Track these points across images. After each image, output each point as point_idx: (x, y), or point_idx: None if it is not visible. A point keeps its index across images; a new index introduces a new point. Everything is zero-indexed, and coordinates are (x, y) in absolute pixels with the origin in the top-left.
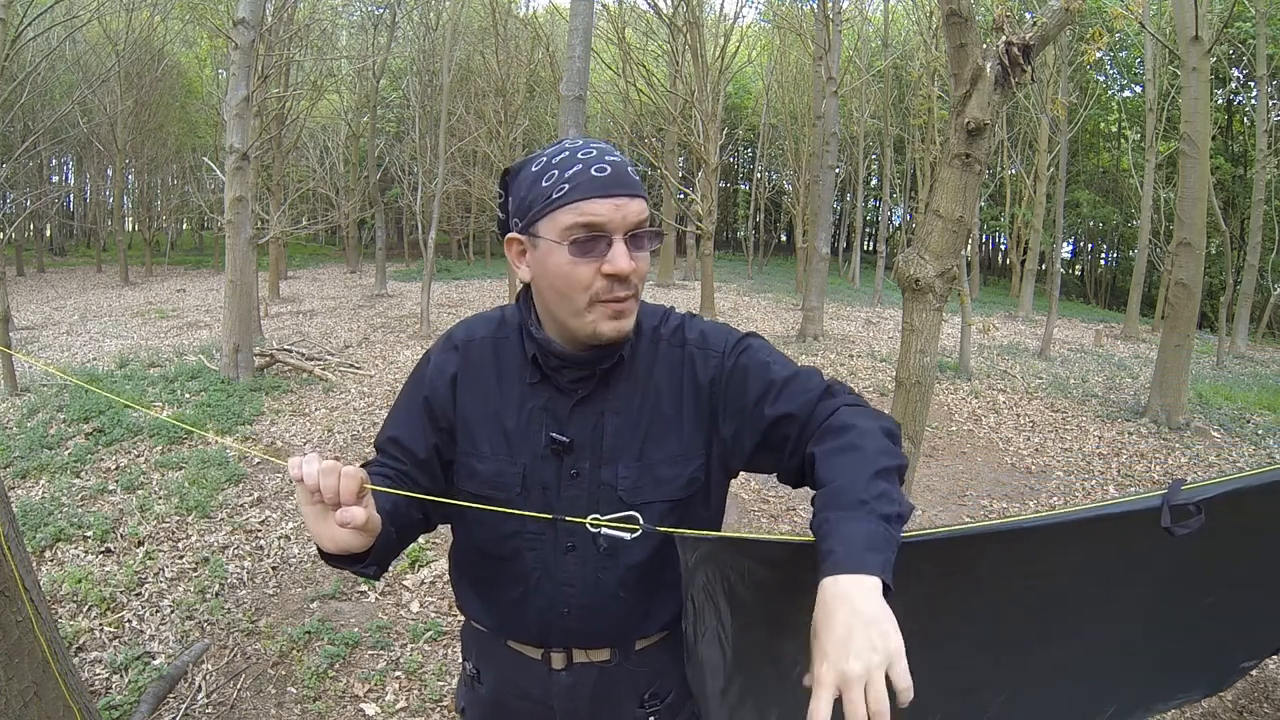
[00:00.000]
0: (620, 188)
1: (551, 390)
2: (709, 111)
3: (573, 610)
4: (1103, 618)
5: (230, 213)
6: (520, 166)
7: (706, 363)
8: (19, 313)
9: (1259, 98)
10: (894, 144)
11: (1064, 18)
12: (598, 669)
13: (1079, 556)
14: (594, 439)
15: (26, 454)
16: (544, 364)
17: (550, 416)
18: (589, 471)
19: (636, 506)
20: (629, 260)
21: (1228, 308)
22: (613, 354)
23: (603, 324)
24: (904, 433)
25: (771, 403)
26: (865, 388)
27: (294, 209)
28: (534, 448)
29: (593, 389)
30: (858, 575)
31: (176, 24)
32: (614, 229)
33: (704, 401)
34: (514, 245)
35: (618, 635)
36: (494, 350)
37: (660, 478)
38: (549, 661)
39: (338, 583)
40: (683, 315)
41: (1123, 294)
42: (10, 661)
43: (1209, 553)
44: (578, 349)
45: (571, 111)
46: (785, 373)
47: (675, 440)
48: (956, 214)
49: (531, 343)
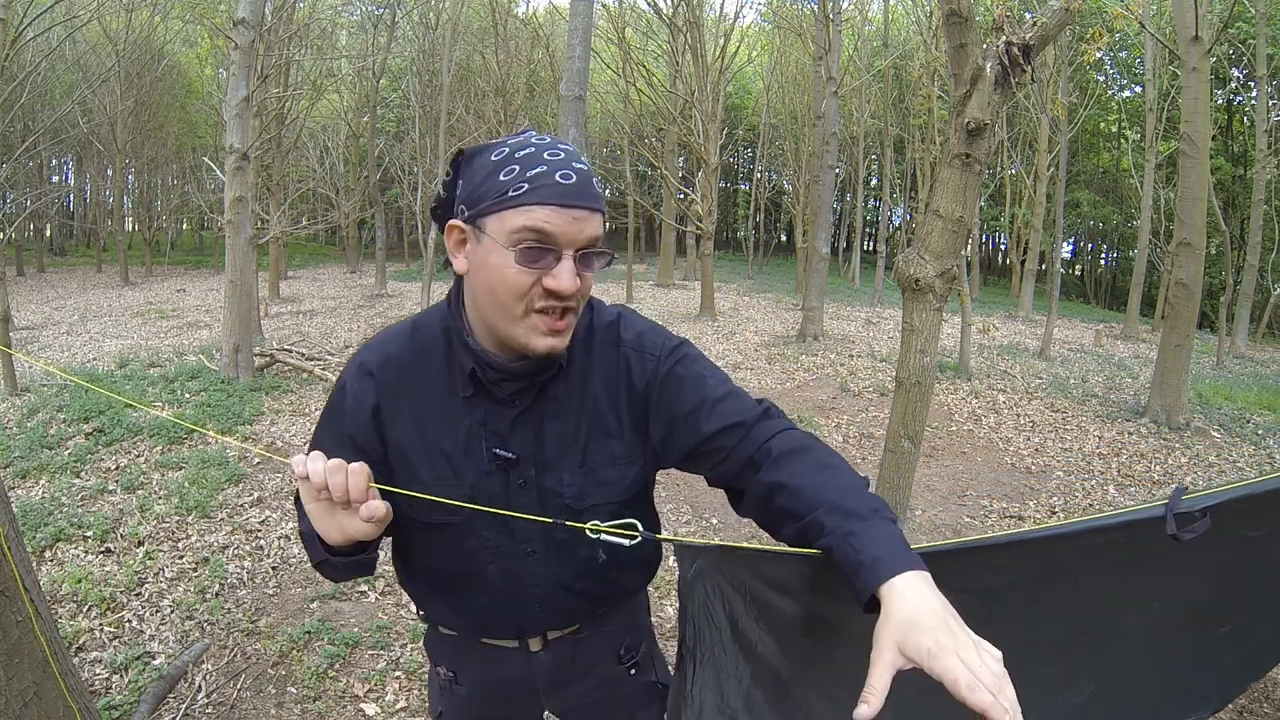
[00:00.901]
0: (582, 200)
1: (488, 403)
2: (709, 111)
3: (543, 605)
4: (1110, 636)
5: (230, 213)
6: (478, 151)
7: (643, 366)
8: (19, 313)
9: (1259, 98)
10: (894, 144)
11: (1064, 18)
12: (571, 639)
13: (1083, 572)
14: (535, 448)
15: (26, 454)
16: (482, 376)
17: (489, 431)
18: (535, 480)
19: (584, 511)
20: (574, 279)
21: (1228, 308)
22: (552, 365)
23: (535, 338)
24: (904, 433)
25: (707, 417)
26: (865, 388)
27: (294, 209)
28: (477, 465)
29: (532, 399)
30: (915, 571)
31: (176, 24)
32: (564, 244)
33: (638, 404)
34: (454, 233)
35: (585, 612)
36: (414, 368)
37: (604, 480)
38: (526, 646)
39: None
40: (617, 310)
41: (1123, 294)
42: (10, 661)
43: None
44: (511, 358)
45: (571, 111)
46: (721, 390)
47: (616, 443)
48: (956, 214)
49: (469, 355)
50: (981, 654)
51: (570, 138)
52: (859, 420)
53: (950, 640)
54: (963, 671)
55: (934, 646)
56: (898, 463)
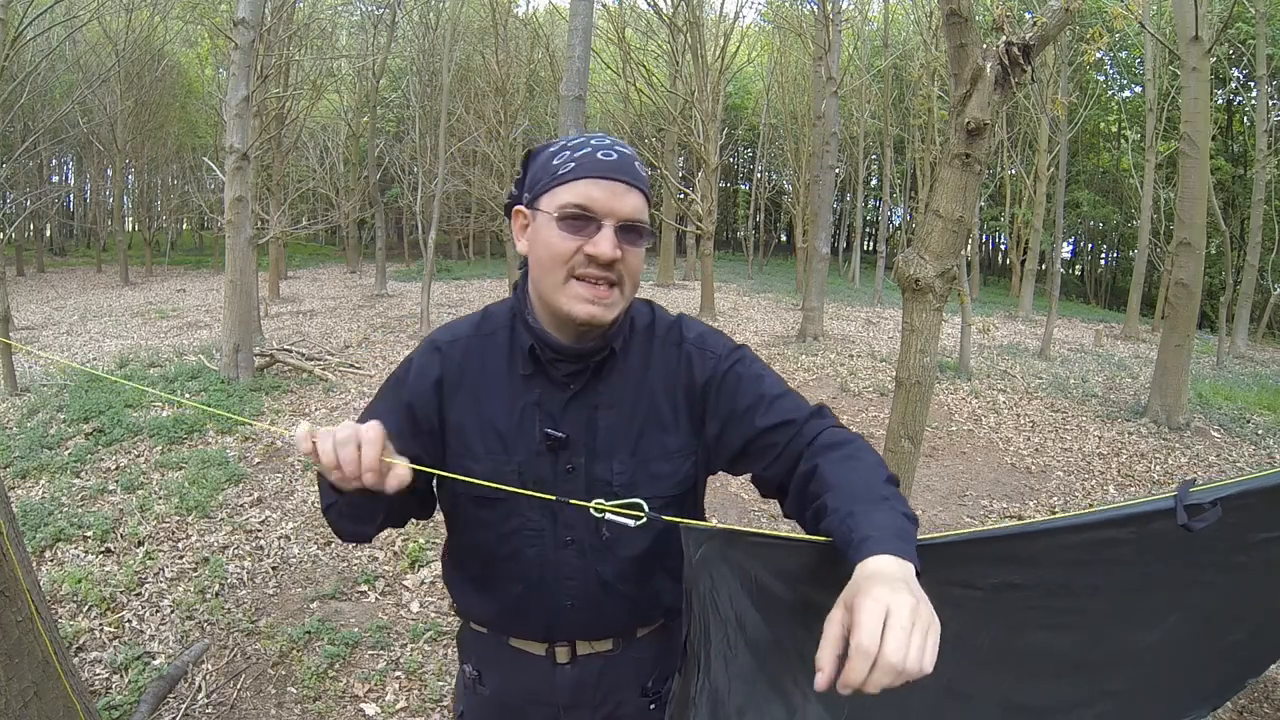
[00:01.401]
0: (620, 174)
1: (544, 384)
2: (709, 111)
3: (576, 603)
4: (1120, 632)
5: (230, 213)
6: (542, 149)
7: (704, 363)
8: (19, 313)
9: (1259, 98)
10: (894, 144)
11: (1064, 18)
12: (602, 659)
13: (1094, 563)
14: (587, 434)
15: (26, 454)
16: (540, 354)
17: (543, 412)
18: (583, 466)
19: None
20: (613, 247)
21: (1228, 308)
22: (605, 346)
23: (576, 305)
24: (904, 433)
25: (763, 414)
26: (865, 388)
27: (294, 209)
28: (528, 444)
29: (585, 383)
30: (897, 558)
31: (176, 24)
32: (604, 214)
33: (696, 401)
34: (518, 218)
35: (621, 625)
36: (480, 349)
37: (655, 473)
38: (553, 656)
39: (338, 583)
40: (677, 315)
41: (1123, 294)
42: (10, 661)
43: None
44: (567, 338)
45: (571, 111)
46: (777, 390)
47: (670, 437)
48: (956, 214)
49: (529, 333)
50: (912, 632)
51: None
52: (859, 420)
53: (890, 596)
54: (873, 622)
55: (871, 594)
56: (898, 463)
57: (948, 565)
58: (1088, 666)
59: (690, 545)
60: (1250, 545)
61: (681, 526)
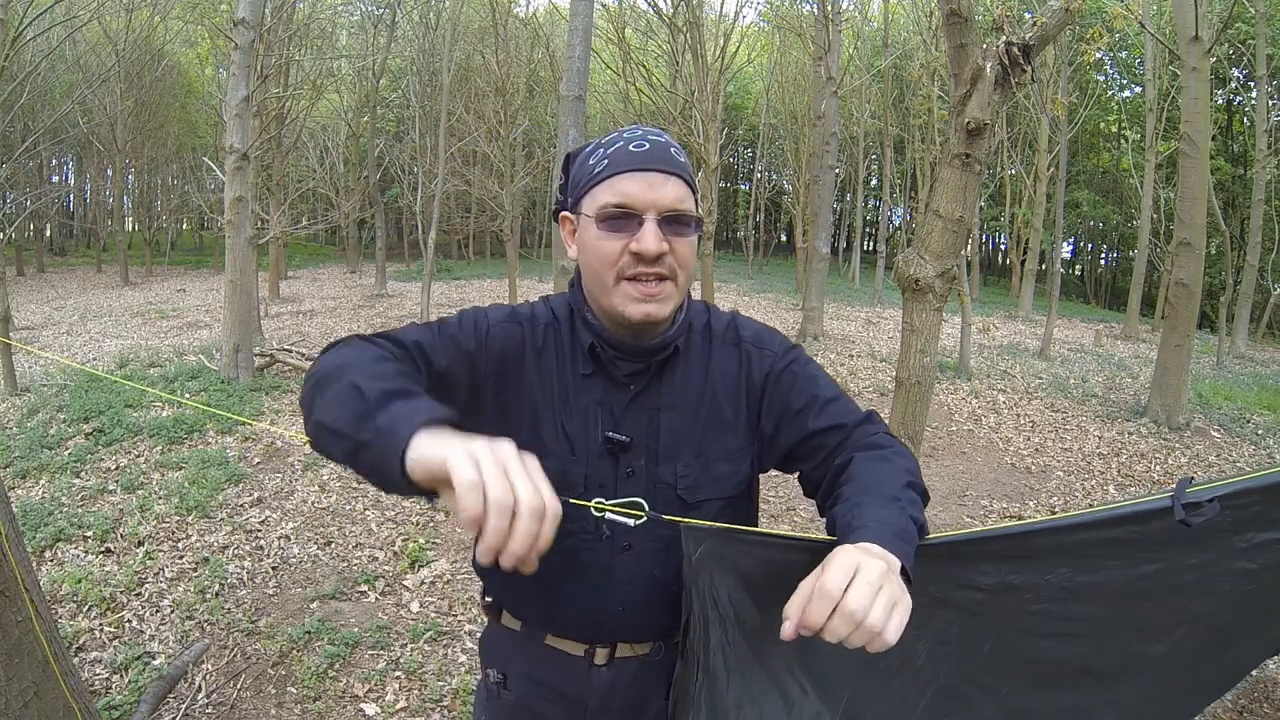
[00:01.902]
0: (655, 163)
1: (605, 384)
2: (709, 111)
3: (626, 606)
4: (1125, 643)
5: (230, 213)
6: (579, 151)
7: (763, 361)
8: (19, 313)
9: (1259, 98)
10: (894, 144)
11: (1064, 18)
12: (639, 662)
13: (1096, 568)
14: (649, 436)
15: (26, 454)
16: (601, 354)
17: (605, 411)
18: (645, 470)
19: (694, 505)
20: (657, 241)
21: (1228, 308)
22: (668, 345)
23: (629, 305)
24: (904, 433)
25: (816, 415)
26: (865, 388)
27: (294, 209)
28: (593, 446)
29: (647, 383)
30: (886, 550)
31: (176, 24)
32: (644, 207)
33: (754, 399)
34: (566, 224)
35: (664, 628)
36: (548, 335)
37: (717, 475)
38: (592, 657)
39: (338, 583)
40: (731, 313)
41: (1123, 294)
42: (10, 661)
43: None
44: (624, 336)
45: (571, 111)
46: (831, 392)
47: (730, 437)
48: (956, 214)
49: (588, 330)
50: (879, 593)
51: (570, 138)
52: None
53: (863, 558)
54: (839, 573)
55: (845, 552)
56: None
57: (949, 566)
58: (1092, 675)
59: (690, 544)
60: (1254, 551)
61: (681, 525)
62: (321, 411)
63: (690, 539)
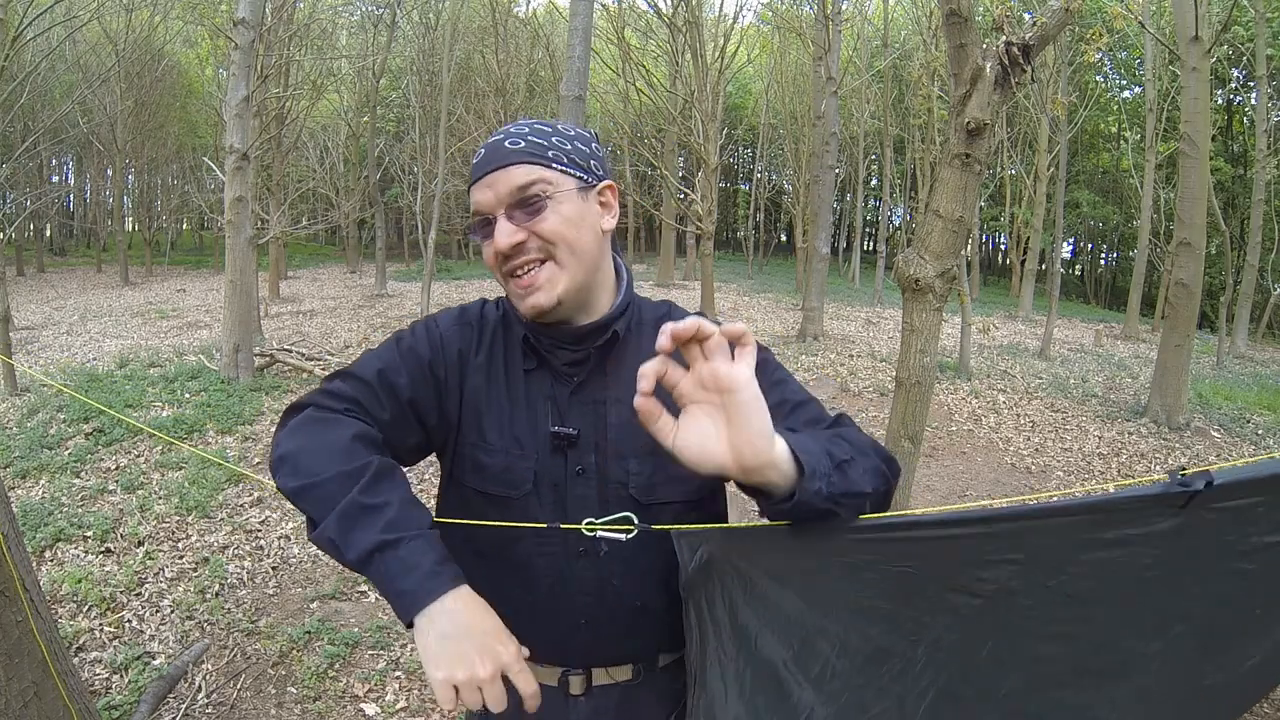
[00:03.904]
0: (490, 165)
1: (549, 377)
2: (709, 111)
3: (590, 621)
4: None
5: (230, 213)
6: None
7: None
8: (19, 313)
9: (1259, 98)
10: (894, 144)
11: (1064, 18)
12: (620, 689)
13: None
14: (597, 431)
15: (26, 454)
16: (538, 345)
17: (553, 406)
18: (595, 467)
19: (650, 506)
20: (507, 234)
21: (1228, 308)
22: (603, 329)
23: (519, 302)
24: (904, 433)
25: (783, 420)
26: (865, 388)
27: (294, 209)
28: (541, 441)
29: (589, 374)
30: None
31: (176, 24)
32: (491, 207)
33: None
34: None
35: (641, 650)
36: (495, 333)
37: (676, 475)
38: (567, 686)
39: (338, 583)
40: (695, 313)
41: (1123, 294)
42: (10, 661)
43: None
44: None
45: (571, 111)
46: (799, 396)
47: None
48: (956, 214)
49: (521, 324)
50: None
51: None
52: (859, 420)
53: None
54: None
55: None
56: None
57: (945, 567)
58: (1089, 673)
59: (685, 553)
60: (1253, 550)
61: (674, 534)
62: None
63: (685, 547)
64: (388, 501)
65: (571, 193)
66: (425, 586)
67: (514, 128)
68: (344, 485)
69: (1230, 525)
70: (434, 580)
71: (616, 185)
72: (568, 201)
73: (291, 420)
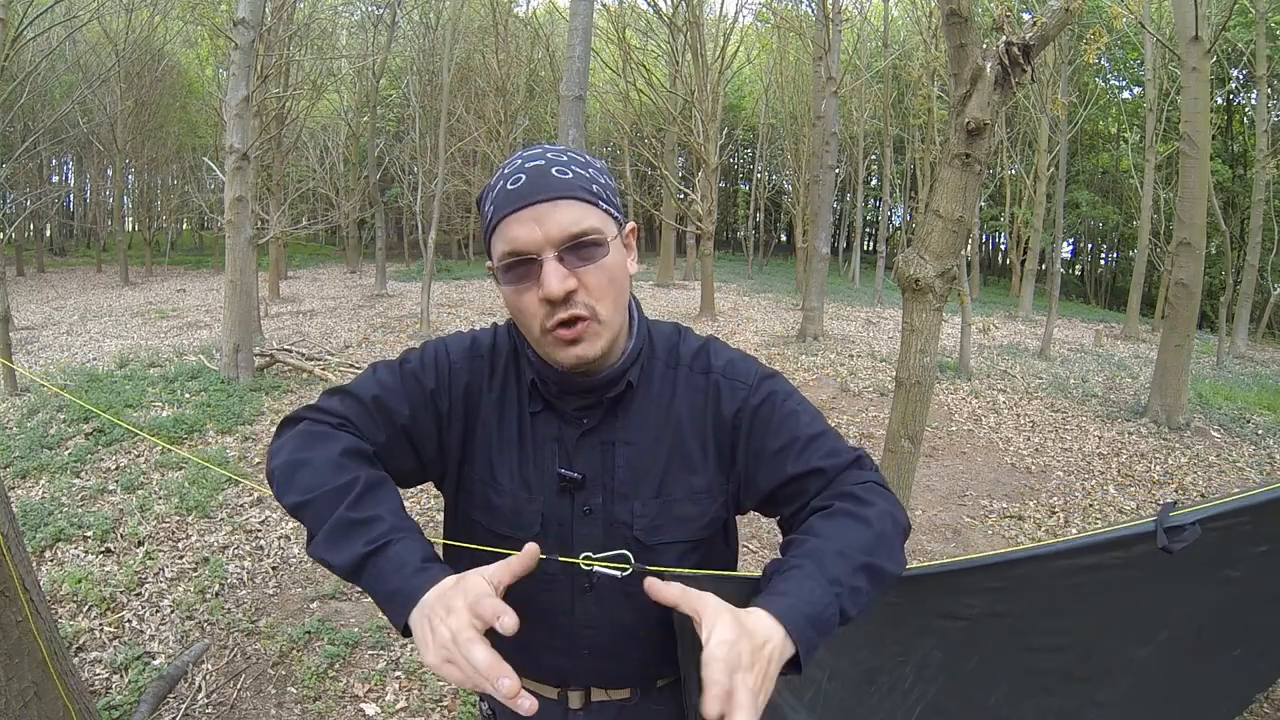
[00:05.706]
0: (537, 195)
1: (557, 420)
2: (709, 111)
3: (593, 650)
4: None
5: (230, 213)
6: (485, 191)
7: (733, 394)
8: (19, 313)
9: (1259, 98)
10: (894, 144)
11: (1064, 18)
12: (617, 707)
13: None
14: (604, 472)
15: (26, 454)
16: (544, 391)
17: (560, 448)
18: (601, 508)
19: (654, 547)
20: (560, 280)
21: (1228, 308)
22: (619, 381)
23: (558, 352)
24: (904, 433)
25: (795, 458)
26: (865, 388)
27: (294, 209)
28: (549, 483)
29: (601, 418)
30: (788, 637)
31: (176, 24)
32: (538, 248)
33: (725, 435)
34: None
35: (640, 674)
36: (505, 367)
37: (681, 516)
38: (566, 701)
39: (338, 583)
40: (705, 339)
41: (1123, 294)
42: (10, 661)
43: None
44: (566, 373)
45: (571, 111)
46: (813, 429)
47: (697, 477)
48: (956, 214)
49: (530, 368)
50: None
51: (570, 138)
52: (859, 420)
53: (749, 660)
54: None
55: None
56: (898, 463)
57: (931, 597)
58: (1075, 679)
59: None
60: (1238, 560)
61: (665, 575)
62: (307, 526)
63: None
64: (376, 515)
65: (616, 240)
66: (413, 582)
67: (551, 151)
68: (332, 501)
69: (1216, 542)
70: (421, 576)
71: (617, 186)
72: (614, 250)
73: (285, 434)
